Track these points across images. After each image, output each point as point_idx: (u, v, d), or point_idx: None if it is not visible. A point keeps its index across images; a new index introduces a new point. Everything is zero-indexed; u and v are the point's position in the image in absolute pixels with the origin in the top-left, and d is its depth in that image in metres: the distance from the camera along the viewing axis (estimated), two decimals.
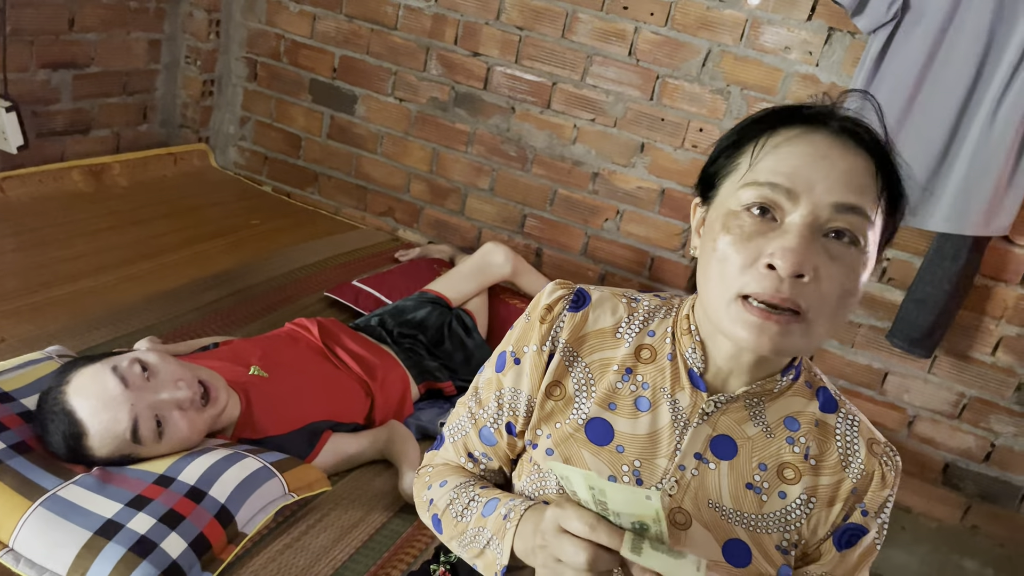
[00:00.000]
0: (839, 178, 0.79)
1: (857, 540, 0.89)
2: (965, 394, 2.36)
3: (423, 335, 2.04)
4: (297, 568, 1.35)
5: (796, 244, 0.77)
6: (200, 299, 2.15)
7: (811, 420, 0.90)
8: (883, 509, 0.90)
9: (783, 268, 0.76)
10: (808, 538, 0.89)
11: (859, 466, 0.88)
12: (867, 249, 0.80)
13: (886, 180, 0.82)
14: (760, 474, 0.88)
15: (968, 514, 2.45)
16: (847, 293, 0.79)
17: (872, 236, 0.80)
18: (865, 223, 0.79)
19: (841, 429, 0.90)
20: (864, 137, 0.82)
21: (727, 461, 0.88)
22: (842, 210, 0.78)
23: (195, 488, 1.30)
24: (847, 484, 0.88)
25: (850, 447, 0.89)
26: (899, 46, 2.08)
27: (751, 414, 0.89)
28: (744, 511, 0.87)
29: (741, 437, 0.89)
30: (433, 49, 2.71)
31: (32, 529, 1.20)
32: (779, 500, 0.88)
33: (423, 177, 2.88)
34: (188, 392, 1.39)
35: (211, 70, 3.01)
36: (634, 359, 0.92)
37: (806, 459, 0.89)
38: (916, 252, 2.29)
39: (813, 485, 0.88)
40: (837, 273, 0.78)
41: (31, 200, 2.46)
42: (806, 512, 0.88)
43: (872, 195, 0.80)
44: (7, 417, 1.36)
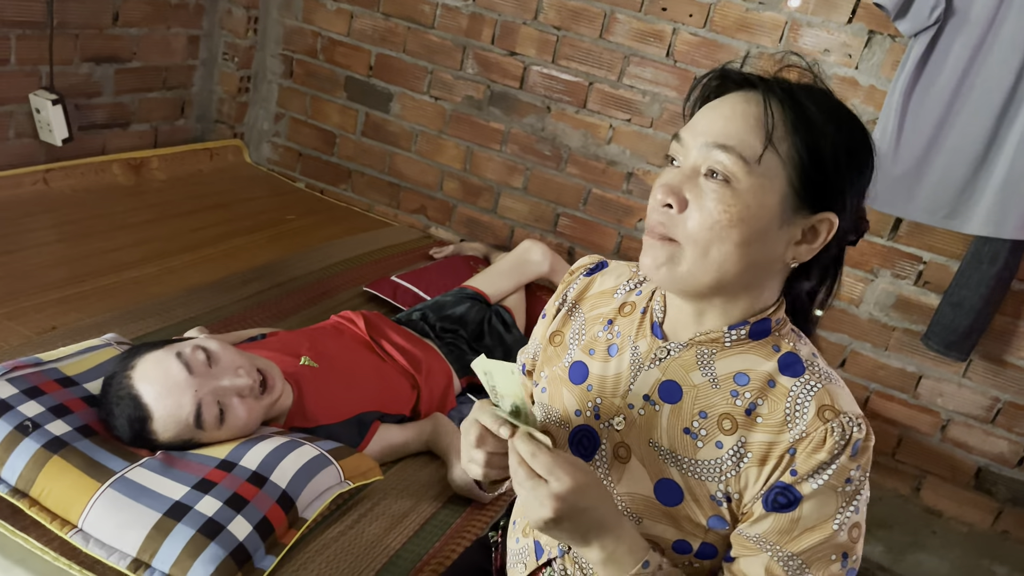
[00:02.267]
0: (718, 121, 0.86)
1: (790, 504, 0.86)
2: (999, 398, 2.36)
3: (464, 330, 2.06)
4: (353, 555, 1.37)
5: (668, 179, 0.87)
6: (242, 292, 2.17)
7: (763, 378, 0.90)
8: (820, 475, 0.84)
9: (656, 200, 0.87)
10: (741, 493, 0.89)
11: (801, 428, 0.86)
12: (746, 190, 0.84)
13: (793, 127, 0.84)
14: (699, 420, 0.91)
15: (1000, 519, 2.45)
16: (716, 225, 0.84)
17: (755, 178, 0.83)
18: (736, 161, 0.83)
19: (796, 392, 0.88)
20: (766, 86, 0.87)
21: (671, 405, 0.93)
22: (712, 148, 0.84)
23: (256, 473, 1.32)
24: (784, 444, 0.86)
25: (799, 408, 0.87)
26: (941, 50, 2.08)
27: (700, 363, 0.93)
28: (679, 453, 0.91)
29: (687, 384, 0.93)
30: (470, 48, 2.74)
31: (101, 510, 1.22)
32: (715, 449, 0.90)
33: (456, 175, 2.90)
34: (248, 380, 1.41)
35: (248, 66, 3.04)
36: (617, 312, 1.02)
37: (748, 414, 0.89)
38: (953, 255, 2.30)
39: (749, 439, 0.88)
40: (704, 205, 0.84)
41: (73, 192, 2.49)
42: (738, 465, 0.88)
43: (753, 137, 0.83)
44: (71, 401, 1.38)
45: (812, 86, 0.90)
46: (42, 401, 1.35)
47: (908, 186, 2.17)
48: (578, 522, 0.84)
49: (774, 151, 0.84)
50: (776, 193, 0.85)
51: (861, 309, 2.44)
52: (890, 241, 2.36)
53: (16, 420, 1.30)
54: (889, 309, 2.41)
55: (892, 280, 2.38)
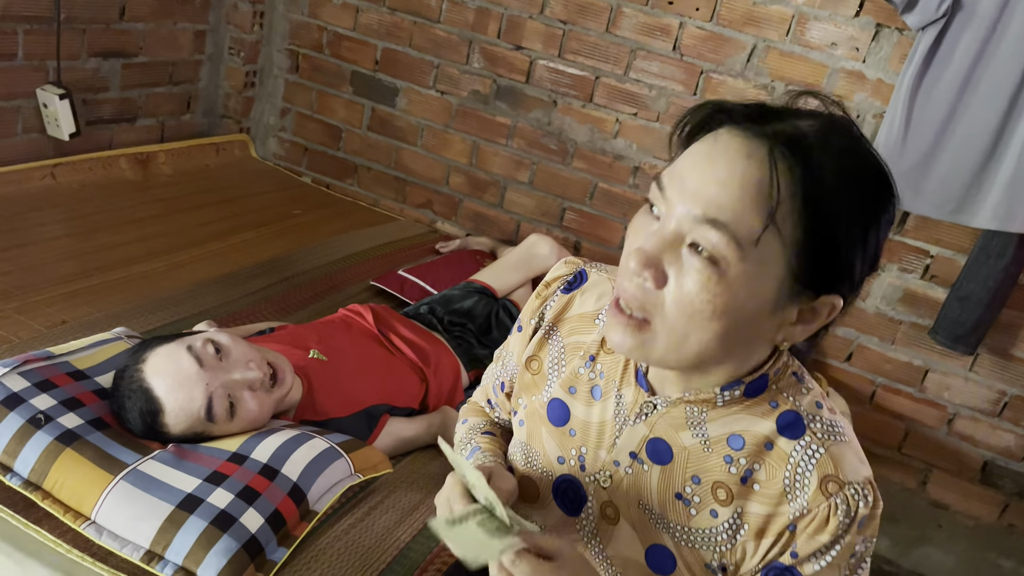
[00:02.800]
0: (711, 186, 0.70)
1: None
2: (1006, 392, 2.36)
3: (472, 324, 2.06)
4: (364, 547, 1.38)
5: (644, 243, 0.73)
6: (249, 286, 2.18)
7: (760, 441, 0.81)
8: (820, 556, 0.78)
9: (631, 268, 0.73)
10: (738, 566, 0.83)
11: (803, 502, 0.78)
12: (734, 276, 0.70)
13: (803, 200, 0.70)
14: (692, 486, 0.83)
15: (1006, 512, 2.45)
16: (697, 315, 0.72)
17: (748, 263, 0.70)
18: (728, 243, 0.69)
19: (796, 458, 0.79)
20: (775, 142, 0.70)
21: (660, 466, 0.85)
22: (701, 222, 0.70)
23: (268, 466, 1.32)
24: (784, 519, 0.79)
25: (799, 479, 0.78)
26: (949, 44, 2.08)
27: (690, 423, 0.84)
28: (670, 519, 0.84)
29: (677, 445, 0.84)
30: (476, 42, 2.73)
31: (114, 502, 1.23)
32: (710, 518, 0.83)
33: (462, 170, 2.90)
34: (259, 373, 1.41)
35: (254, 61, 3.04)
36: (599, 347, 0.91)
37: (743, 482, 0.81)
38: (960, 249, 2.29)
39: (746, 511, 0.81)
40: (685, 288, 0.72)
41: (80, 187, 2.49)
42: (735, 537, 0.82)
43: (753, 212, 0.69)
44: (83, 394, 1.39)
45: (831, 130, 0.74)
46: (54, 394, 1.35)
47: (915, 180, 2.17)
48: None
49: (775, 231, 0.70)
50: (773, 279, 0.72)
51: (868, 303, 2.44)
52: (897, 235, 2.36)
53: (29, 413, 1.31)
54: (896, 303, 2.41)
55: (899, 274, 2.38)
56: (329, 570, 1.30)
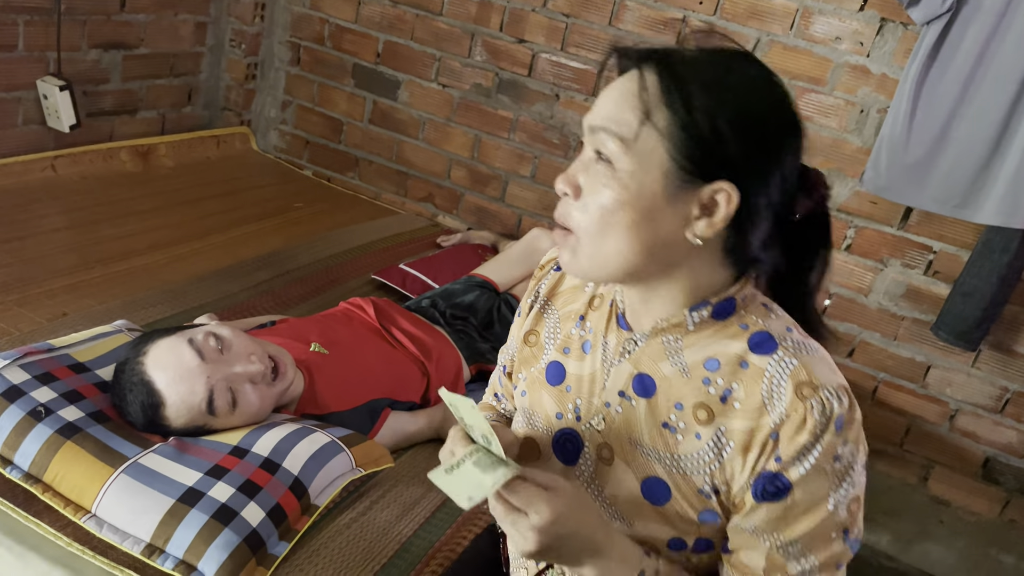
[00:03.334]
0: (600, 106, 0.83)
1: (781, 493, 0.82)
2: (1008, 388, 2.36)
3: (473, 318, 2.06)
4: (365, 542, 1.37)
5: (568, 170, 0.85)
6: (250, 279, 2.17)
7: (734, 360, 0.85)
8: (805, 458, 0.80)
9: (557, 188, 0.85)
10: (729, 485, 0.85)
11: (781, 410, 0.81)
12: (624, 169, 0.80)
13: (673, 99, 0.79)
14: (676, 413, 0.87)
15: (1007, 508, 2.45)
16: (603, 210, 0.81)
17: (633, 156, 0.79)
18: (613, 140, 0.80)
19: (771, 371, 0.83)
20: (633, 55, 0.83)
21: (646, 399, 0.89)
22: (591, 132, 0.83)
23: (269, 460, 1.32)
24: (766, 429, 0.82)
25: (775, 390, 0.82)
26: (954, 39, 2.07)
27: (668, 352, 0.88)
28: (660, 450, 0.88)
29: (659, 376, 0.89)
30: (478, 35, 2.72)
31: (115, 495, 1.23)
32: (695, 441, 0.86)
33: (464, 163, 2.89)
34: (260, 366, 1.41)
35: (255, 53, 3.03)
36: (587, 307, 0.99)
37: (723, 401, 0.85)
38: (964, 245, 2.29)
39: (727, 428, 0.84)
40: (591, 190, 0.82)
41: (81, 179, 2.49)
42: (721, 456, 0.85)
43: (630, 114, 0.80)
44: (84, 387, 1.38)
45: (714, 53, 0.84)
46: (55, 387, 1.35)
47: (919, 175, 2.16)
48: (565, 549, 0.81)
49: (652, 126, 0.79)
50: (658, 169, 0.80)
51: (870, 299, 2.43)
52: (900, 230, 2.35)
53: (29, 406, 1.30)
54: (899, 299, 2.40)
55: (902, 270, 2.38)
56: (330, 564, 1.30)
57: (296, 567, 1.27)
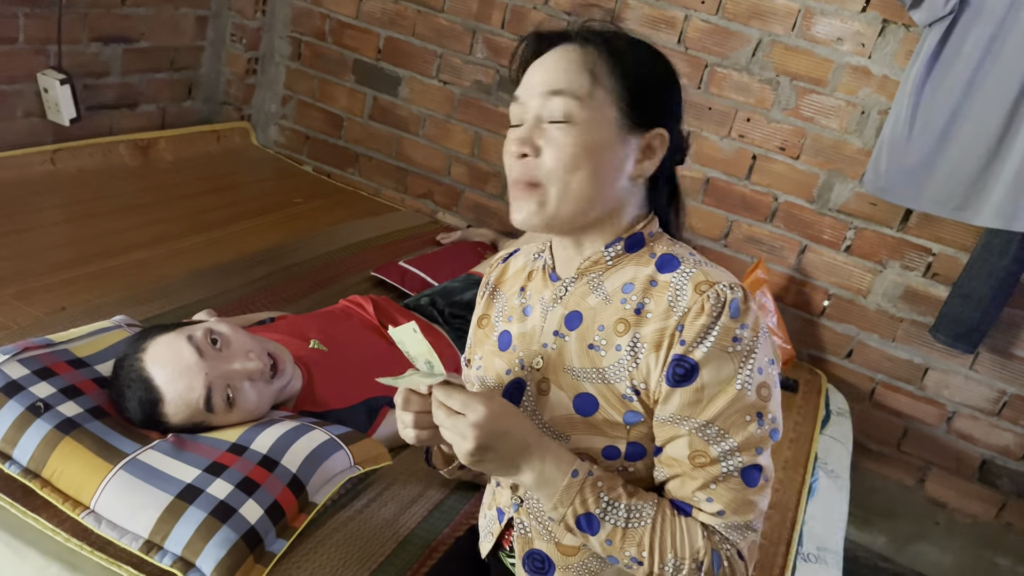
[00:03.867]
0: (543, 74, 0.97)
1: (690, 375, 0.92)
2: (1006, 391, 2.36)
3: (472, 316, 2.05)
4: (363, 539, 1.37)
5: (517, 134, 0.96)
6: (249, 275, 2.17)
7: (645, 280, 0.99)
8: (705, 337, 0.91)
9: (511, 153, 0.96)
10: (647, 382, 0.96)
11: (683, 306, 0.93)
12: (588, 122, 0.94)
13: (607, 62, 0.96)
14: (599, 334, 0.99)
15: (1003, 511, 2.46)
16: (572, 157, 0.94)
17: (591, 111, 0.94)
18: (571, 101, 0.94)
19: (676, 282, 0.96)
20: (573, 34, 0.99)
21: (575, 331, 1.01)
22: (547, 96, 0.95)
23: (267, 457, 1.32)
24: (672, 325, 0.94)
25: (679, 293, 0.95)
26: (955, 41, 2.07)
27: (591, 287, 1.02)
28: (588, 367, 0.99)
29: (585, 308, 1.01)
30: (479, 32, 2.72)
31: (114, 492, 1.22)
32: (615, 353, 0.98)
33: (464, 160, 2.89)
34: (259, 364, 1.40)
35: (255, 48, 3.02)
36: (526, 280, 1.12)
37: (637, 313, 0.97)
38: (963, 248, 2.29)
39: (641, 333, 0.96)
40: (556, 144, 0.94)
41: (80, 172, 2.48)
42: (637, 358, 0.96)
43: (579, 77, 0.95)
44: (82, 383, 1.38)
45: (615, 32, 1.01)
46: (53, 382, 1.35)
47: (919, 177, 2.16)
48: (501, 448, 0.91)
49: (600, 86, 0.95)
50: (609, 120, 0.96)
51: (869, 300, 2.43)
52: (900, 232, 2.35)
53: (28, 401, 1.30)
54: (897, 300, 2.41)
55: (901, 271, 2.38)
56: (328, 562, 1.30)
57: (294, 564, 1.27)
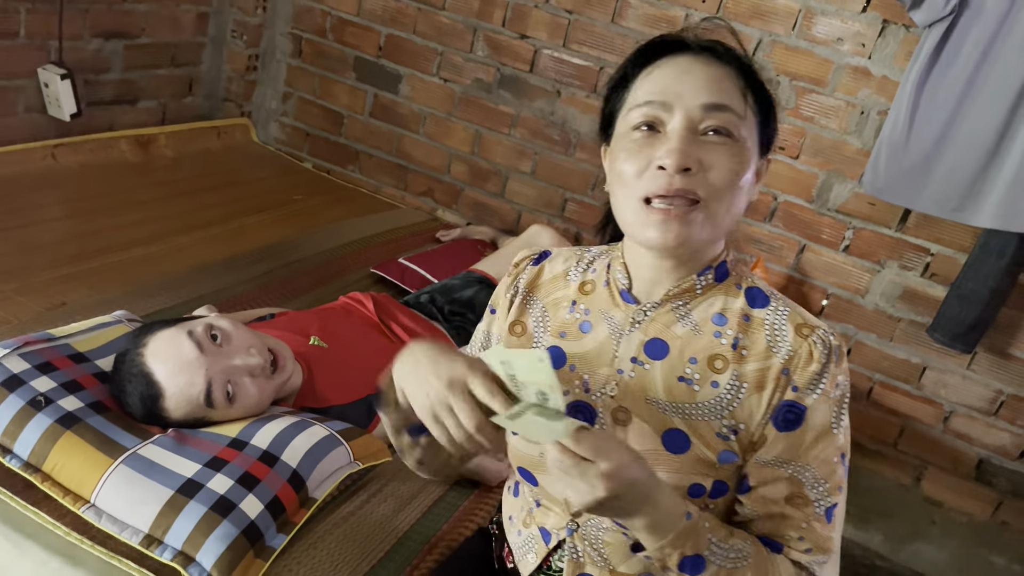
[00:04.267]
0: (703, 85, 0.92)
1: (798, 420, 0.93)
2: (1003, 391, 2.37)
3: (472, 313, 2.06)
4: (362, 535, 1.38)
5: (677, 144, 0.90)
6: (250, 271, 2.17)
7: (738, 314, 0.97)
8: (816, 384, 0.93)
9: (670, 165, 0.89)
10: (747, 423, 0.95)
11: (787, 349, 0.94)
12: (744, 143, 0.93)
13: (748, 84, 0.95)
14: (691, 367, 0.97)
15: (999, 510, 2.47)
16: (734, 175, 0.91)
17: (746, 132, 0.93)
18: (735, 118, 0.92)
19: (770, 319, 0.96)
20: (721, 52, 0.96)
21: (660, 360, 0.98)
22: (711, 109, 0.91)
23: (268, 452, 1.32)
24: (776, 367, 0.94)
25: (778, 334, 0.95)
26: (955, 42, 2.07)
27: (678, 316, 0.99)
28: (678, 402, 0.96)
29: (671, 337, 0.98)
30: (480, 30, 2.72)
31: (114, 486, 1.23)
32: (711, 389, 0.96)
33: (464, 158, 2.89)
34: (259, 359, 1.41)
35: (256, 45, 3.02)
36: (579, 293, 1.06)
37: (735, 349, 0.96)
38: (961, 248, 2.30)
39: (741, 371, 0.95)
40: (720, 161, 0.91)
41: (80, 168, 2.49)
42: (738, 397, 0.95)
43: (737, 97, 0.93)
44: (83, 377, 1.39)
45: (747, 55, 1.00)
46: (54, 376, 1.35)
47: (918, 178, 2.17)
48: (627, 496, 0.84)
49: (749, 106, 0.94)
50: (754, 143, 0.95)
51: (867, 300, 2.44)
52: (898, 232, 2.36)
53: (29, 395, 1.30)
54: (895, 300, 2.41)
55: (899, 271, 2.39)
56: (328, 557, 1.31)
57: (294, 559, 1.28)
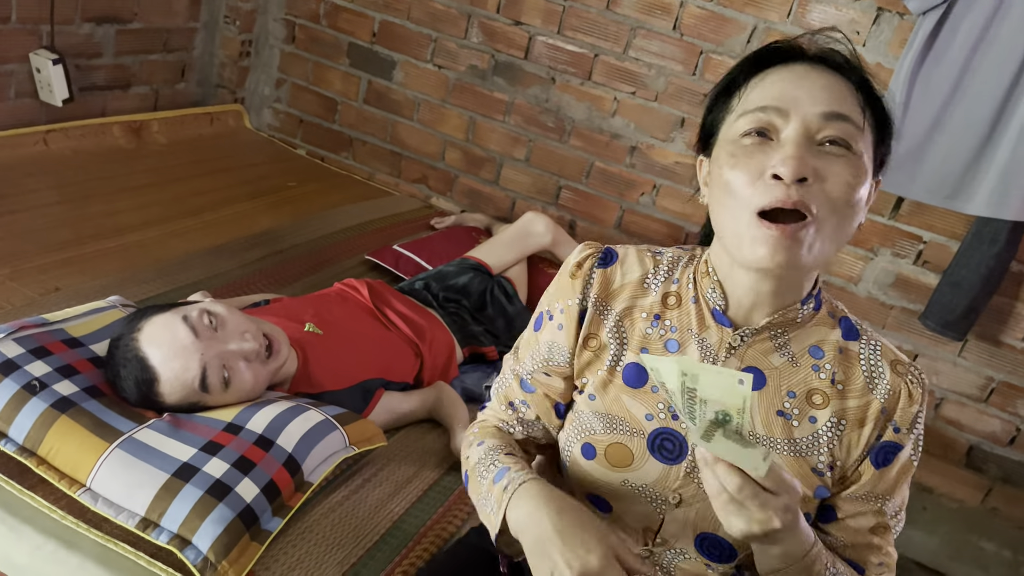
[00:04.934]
0: (821, 93, 0.86)
1: (893, 457, 0.94)
2: (994, 378, 2.39)
3: (466, 300, 2.06)
4: (357, 519, 1.39)
5: (794, 151, 0.83)
6: (244, 257, 2.17)
7: (835, 347, 0.95)
8: (915, 425, 0.94)
9: (787, 175, 0.82)
10: (843, 460, 0.94)
11: (885, 387, 0.93)
12: (862, 157, 0.86)
13: (866, 98, 0.89)
14: (790, 401, 0.94)
15: (989, 496, 2.49)
16: (851, 190, 0.85)
17: (864, 146, 0.87)
18: (854, 130, 0.86)
19: (865, 354, 0.94)
20: (839, 61, 0.90)
21: (757, 391, 0.94)
22: (830, 118, 0.85)
23: (263, 437, 1.33)
24: (875, 405, 0.93)
25: (875, 370, 0.93)
26: (949, 30, 2.08)
27: (776, 345, 0.94)
28: (776, 436, 0.94)
29: (768, 368, 0.94)
30: (475, 17, 2.71)
31: (110, 470, 1.23)
32: (809, 425, 0.93)
33: (459, 145, 2.89)
34: (254, 344, 1.41)
35: (249, 30, 3.01)
36: (662, 306, 0.99)
37: (833, 384, 0.94)
38: (953, 236, 2.31)
39: (841, 408, 0.93)
40: (838, 173, 0.84)
41: (73, 154, 2.47)
42: (837, 434, 0.93)
43: (856, 110, 0.87)
44: (78, 362, 1.38)
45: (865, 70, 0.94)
46: (49, 361, 1.35)
47: (911, 165, 2.18)
48: (794, 527, 0.82)
49: (867, 120, 0.88)
50: (870, 160, 0.89)
51: (860, 287, 2.45)
52: (891, 220, 2.37)
53: (23, 379, 1.30)
54: (888, 288, 2.42)
55: (892, 259, 2.40)
56: (323, 541, 1.31)
57: (289, 543, 1.29)
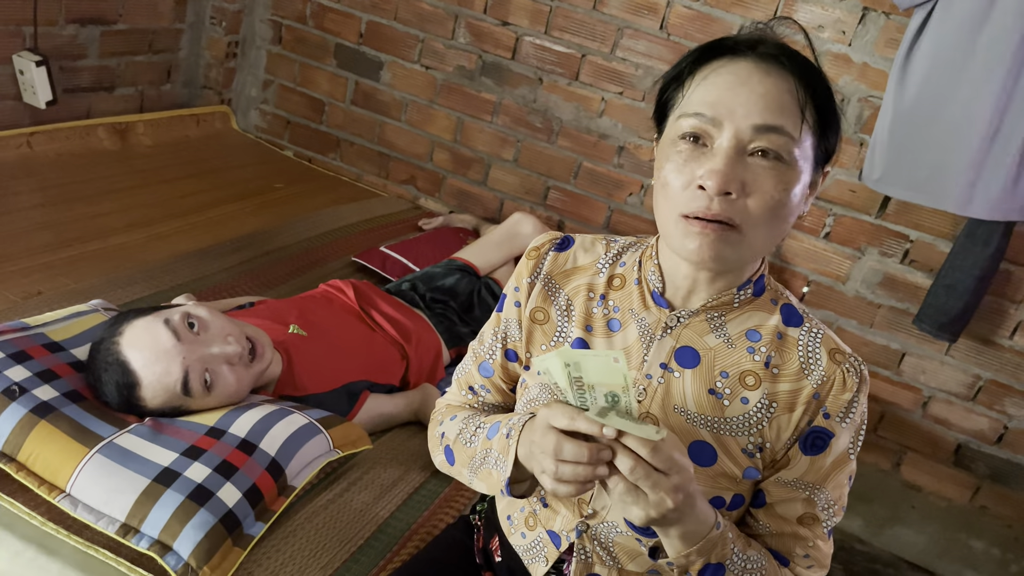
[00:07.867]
0: (757, 102, 0.86)
1: (825, 445, 0.94)
2: (981, 376, 2.39)
3: (454, 301, 2.05)
4: (342, 523, 1.38)
5: (720, 166, 0.85)
6: (229, 260, 2.15)
7: (773, 332, 0.96)
8: (849, 413, 0.93)
9: (711, 188, 0.85)
10: (773, 442, 0.95)
11: (820, 373, 0.93)
12: (795, 165, 0.87)
13: (811, 98, 0.88)
14: (722, 381, 0.96)
15: (978, 494, 2.49)
16: (778, 204, 0.87)
17: (799, 152, 0.87)
18: (787, 141, 0.86)
19: (804, 341, 0.95)
20: (784, 61, 0.88)
21: (690, 369, 0.96)
22: (762, 131, 0.86)
23: (246, 441, 1.32)
24: (808, 390, 0.93)
25: (812, 356, 0.94)
26: (936, 26, 2.06)
27: (712, 327, 0.97)
28: (707, 415, 0.95)
29: (703, 348, 0.97)
30: (462, 17, 2.71)
31: (90, 475, 1.22)
32: (741, 405, 0.95)
33: (447, 146, 2.88)
34: (237, 347, 1.40)
35: (235, 31, 2.99)
36: (606, 287, 1.03)
37: (767, 367, 0.95)
38: (940, 234, 2.31)
39: (773, 391, 0.94)
40: (764, 188, 0.86)
41: (57, 156, 2.45)
42: (767, 416, 0.94)
43: (793, 114, 0.87)
44: (58, 366, 1.37)
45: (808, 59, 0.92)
46: (29, 366, 1.34)
47: (902, 166, 2.17)
48: (688, 508, 0.83)
49: (806, 123, 0.88)
50: (811, 162, 0.90)
51: (847, 286, 2.45)
52: (878, 219, 2.37)
53: (2, 384, 1.29)
54: (875, 287, 2.43)
55: (879, 258, 2.40)
56: (307, 545, 1.30)
57: (272, 548, 1.28)
